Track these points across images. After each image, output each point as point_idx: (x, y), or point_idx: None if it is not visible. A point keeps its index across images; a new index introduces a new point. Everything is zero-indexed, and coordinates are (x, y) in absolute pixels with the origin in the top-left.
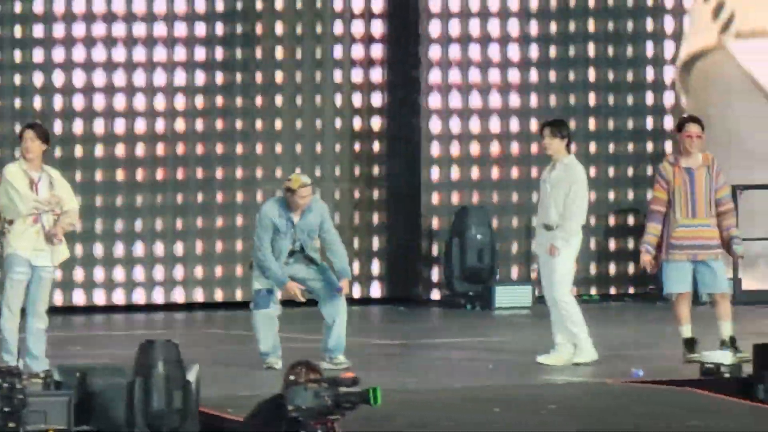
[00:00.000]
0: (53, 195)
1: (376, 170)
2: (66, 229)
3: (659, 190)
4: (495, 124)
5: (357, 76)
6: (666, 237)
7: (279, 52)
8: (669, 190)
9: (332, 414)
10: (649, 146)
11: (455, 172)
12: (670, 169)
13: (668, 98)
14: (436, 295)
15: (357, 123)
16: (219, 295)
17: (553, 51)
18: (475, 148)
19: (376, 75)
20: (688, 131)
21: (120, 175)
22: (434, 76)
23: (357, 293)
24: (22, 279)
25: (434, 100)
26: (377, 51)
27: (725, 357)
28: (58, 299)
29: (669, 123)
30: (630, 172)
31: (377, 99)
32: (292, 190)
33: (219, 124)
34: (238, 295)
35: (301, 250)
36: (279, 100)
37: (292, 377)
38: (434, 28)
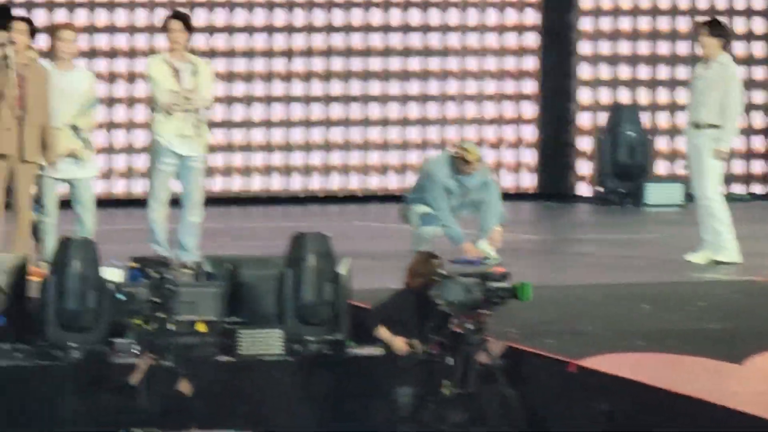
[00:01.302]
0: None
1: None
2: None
3: None
4: (644, 22)
5: None
6: None
7: None
8: None
9: (482, 308)
10: None
11: (606, 71)
12: None
13: None
14: (586, 191)
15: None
16: (374, 185)
17: None
18: (625, 47)
19: None
20: None
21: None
22: None
23: (509, 185)
24: (167, 170)
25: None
26: None
27: None
28: (213, 188)
29: None
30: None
31: None
32: (466, 161)
33: None
34: (393, 186)
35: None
36: None
37: (424, 268)
38: None
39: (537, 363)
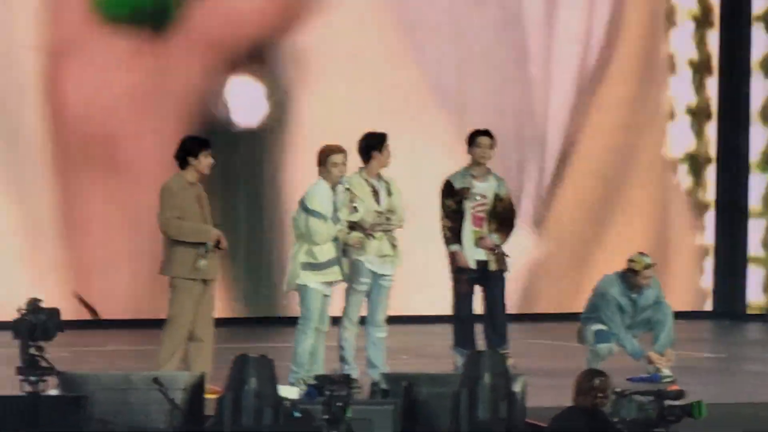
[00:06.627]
0: (389, 205)
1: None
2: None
3: None
4: None
5: None
6: None
7: None
8: None
9: (656, 426)
10: None
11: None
12: None
13: None
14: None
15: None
16: (543, 306)
17: None
18: None
19: None
20: None
21: None
22: None
23: (683, 306)
24: (364, 290)
25: None
26: None
27: None
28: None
29: None
30: None
31: None
32: (635, 272)
33: None
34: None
35: None
36: None
37: (587, 385)
38: None
39: None
